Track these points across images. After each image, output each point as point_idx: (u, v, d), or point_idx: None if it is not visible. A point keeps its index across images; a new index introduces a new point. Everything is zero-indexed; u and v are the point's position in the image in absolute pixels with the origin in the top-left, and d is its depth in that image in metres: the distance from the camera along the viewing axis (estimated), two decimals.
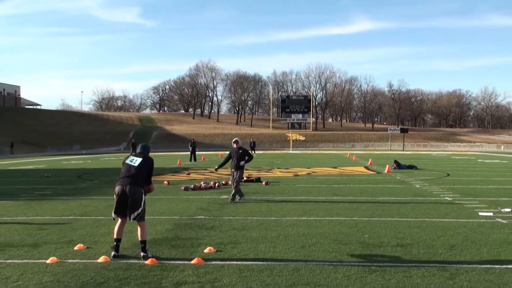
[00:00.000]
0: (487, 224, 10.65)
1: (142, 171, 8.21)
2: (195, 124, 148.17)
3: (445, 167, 33.06)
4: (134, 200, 7.93)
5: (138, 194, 8.02)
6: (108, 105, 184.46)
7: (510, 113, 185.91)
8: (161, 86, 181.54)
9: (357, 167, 32.77)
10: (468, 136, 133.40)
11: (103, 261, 7.47)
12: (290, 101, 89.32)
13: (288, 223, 10.75)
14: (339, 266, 7.15)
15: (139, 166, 8.20)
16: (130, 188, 7.94)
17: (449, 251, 8.07)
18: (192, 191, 17.60)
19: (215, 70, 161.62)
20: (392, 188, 18.52)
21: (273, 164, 37.05)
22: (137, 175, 8.11)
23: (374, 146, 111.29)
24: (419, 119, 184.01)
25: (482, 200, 14.57)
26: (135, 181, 8.04)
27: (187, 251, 8.12)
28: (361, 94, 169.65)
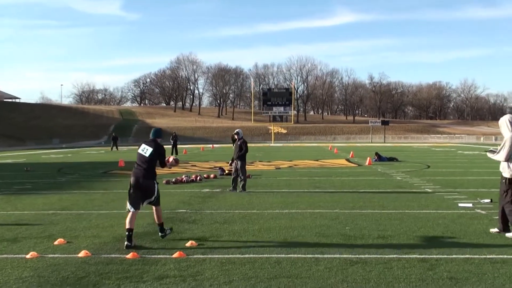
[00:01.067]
0: (466, 215, 10.76)
1: (153, 161, 8.53)
2: (176, 117, 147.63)
3: (426, 159, 33.34)
4: (148, 191, 8.41)
5: (151, 185, 8.46)
6: (88, 99, 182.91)
7: (489, 105, 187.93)
8: (141, 79, 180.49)
9: (339, 159, 32.91)
10: (448, 128, 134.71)
11: (83, 255, 7.42)
12: (272, 94, 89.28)
13: (270, 216, 10.77)
14: (320, 258, 7.18)
15: (150, 156, 8.48)
16: (143, 181, 8.34)
17: (429, 242, 8.15)
18: (174, 184, 17.55)
19: (196, 63, 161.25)
20: (373, 180, 18.63)
21: (255, 157, 37.05)
22: (149, 166, 8.47)
23: (355, 138, 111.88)
24: (399, 111, 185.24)
25: (461, 192, 14.72)
26: (147, 173, 8.41)
27: (169, 245, 8.09)
28: (342, 87, 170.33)
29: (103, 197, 14.34)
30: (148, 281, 6.20)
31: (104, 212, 11.60)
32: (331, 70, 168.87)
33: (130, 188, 8.43)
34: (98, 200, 13.77)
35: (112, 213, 11.42)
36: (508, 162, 8.58)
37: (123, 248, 7.85)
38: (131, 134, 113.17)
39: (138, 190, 8.34)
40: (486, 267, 6.66)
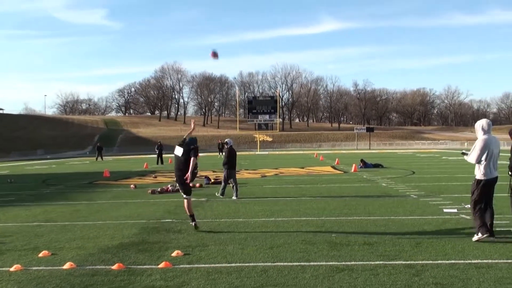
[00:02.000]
0: (451, 220, 10.82)
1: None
2: (161, 126, 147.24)
3: (411, 165, 33.54)
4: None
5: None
6: (73, 109, 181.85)
7: (472, 111, 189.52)
8: (126, 88, 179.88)
9: (324, 167, 32.99)
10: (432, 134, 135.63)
11: (68, 267, 7.35)
12: (257, 102, 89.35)
13: (256, 224, 10.76)
14: (307, 266, 7.18)
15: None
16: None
17: (414, 248, 8.18)
18: (159, 194, 17.46)
19: (181, 72, 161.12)
20: (359, 187, 18.69)
21: (241, 165, 36.96)
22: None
23: (340, 145, 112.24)
24: (384, 118, 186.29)
25: (446, 197, 14.81)
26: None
27: (155, 255, 8.04)
28: (327, 94, 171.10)
29: (88, 208, 14.24)
30: None
31: (89, 223, 11.51)
32: (316, 77, 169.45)
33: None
34: (83, 211, 13.67)
35: (97, 224, 11.33)
36: (479, 164, 8.68)
37: (108, 259, 7.80)
38: (116, 144, 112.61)
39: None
40: (471, 272, 6.70)
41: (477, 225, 8.58)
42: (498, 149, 8.85)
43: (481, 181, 8.69)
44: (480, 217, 8.56)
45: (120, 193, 17.94)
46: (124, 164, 42.64)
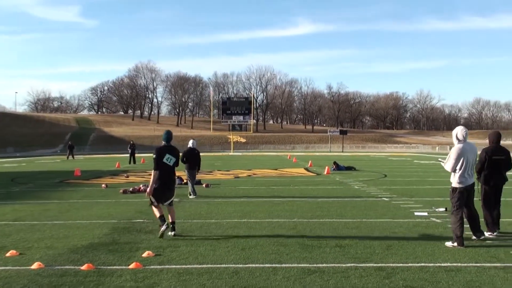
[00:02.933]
0: (422, 223, 10.92)
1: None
2: (134, 125, 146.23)
3: (383, 168, 33.84)
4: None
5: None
6: (44, 106, 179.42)
7: (444, 115, 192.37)
8: (99, 87, 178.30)
9: (297, 168, 33.09)
10: (404, 137, 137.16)
11: (36, 267, 7.22)
12: (231, 103, 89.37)
13: (228, 226, 10.72)
14: (278, 268, 7.16)
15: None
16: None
17: (385, 250, 8.23)
18: (131, 194, 17.30)
19: (155, 71, 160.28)
20: (331, 189, 18.78)
21: (214, 166, 36.94)
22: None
23: (314, 147, 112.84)
24: (357, 121, 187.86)
25: (417, 200, 14.97)
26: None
27: (125, 256, 7.95)
28: (301, 96, 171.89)
29: (58, 207, 14.04)
30: None
31: (59, 223, 11.33)
32: (290, 79, 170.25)
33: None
34: (52, 210, 13.46)
35: (67, 224, 11.17)
36: (454, 172, 8.77)
37: (77, 259, 7.68)
38: (88, 143, 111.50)
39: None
40: (441, 275, 6.76)
41: (455, 234, 8.60)
42: (475, 156, 8.93)
43: (457, 189, 8.76)
44: (460, 227, 8.61)
45: (91, 193, 17.73)
46: (95, 163, 42.19)
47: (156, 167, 9.73)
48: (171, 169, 9.92)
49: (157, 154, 9.76)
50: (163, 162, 9.74)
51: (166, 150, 9.83)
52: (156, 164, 9.73)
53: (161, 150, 9.85)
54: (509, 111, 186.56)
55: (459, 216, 8.68)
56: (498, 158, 9.71)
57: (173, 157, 9.85)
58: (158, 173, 9.69)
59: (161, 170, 9.72)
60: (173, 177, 10.05)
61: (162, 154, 9.78)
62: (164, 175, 9.74)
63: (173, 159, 9.85)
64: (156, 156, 9.75)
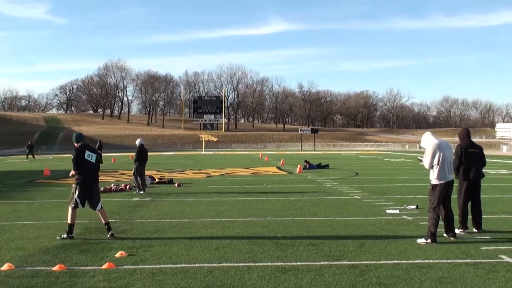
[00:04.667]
0: (394, 221, 11.04)
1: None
2: (104, 124, 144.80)
3: (354, 166, 34.12)
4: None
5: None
6: (11, 105, 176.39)
7: (413, 114, 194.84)
8: (68, 85, 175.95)
9: (269, 167, 33.15)
10: (375, 136, 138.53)
11: (6, 269, 7.08)
12: (202, 101, 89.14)
13: (201, 225, 10.67)
14: (253, 266, 7.16)
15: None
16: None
17: (359, 248, 8.29)
18: (102, 193, 17.05)
19: (125, 69, 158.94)
20: (304, 187, 18.85)
21: (185, 165, 36.79)
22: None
23: (285, 146, 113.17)
24: (328, 120, 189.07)
25: (389, 198, 15.12)
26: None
27: (98, 256, 7.86)
28: (272, 95, 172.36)
29: (27, 208, 13.80)
30: None
31: (29, 223, 11.15)
32: (262, 78, 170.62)
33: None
34: (22, 210, 13.23)
35: (38, 224, 11.00)
36: (432, 169, 8.88)
37: (49, 260, 7.57)
38: (56, 142, 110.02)
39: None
40: (413, 272, 6.84)
41: (430, 231, 8.69)
42: (451, 152, 9.04)
43: (437, 186, 8.86)
44: (435, 224, 8.71)
45: (62, 192, 17.47)
46: (65, 163, 41.55)
47: (76, 168, 9.36)
48: (95, 167, 9.61)
49: (76, 153, 9.34)
50: (85, 159, 9.35)
51: (85, 147, 9.48)
52: (76, 165, 9.35)
53: (79, 148, 9.47)
54: (476, 109, 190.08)
55: (436, 213, 8.78)
56: (473, 151, 9.86)
57: (93, 153, 9.53)
58: (81, 174, 9.35)
59: (84, 170, 9.36)
60: (97, 177, 9.72)
61: (82, 151, 9.40)
62: (88, 175, 9.42)
63: (94, 155, 9.53)
64: (75, 155, 9.32)
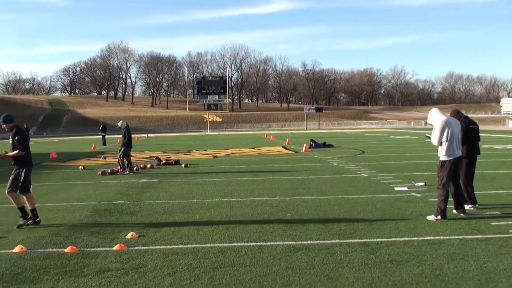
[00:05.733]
0: (403, 198, 11.02)
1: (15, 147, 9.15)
2: (108, 106, 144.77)
3: (360, 144, 34.06)
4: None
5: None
6: (15, 88, 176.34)
7: (418, 90, 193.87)
8: (71, 68, 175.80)
9: (275, 147, 33.13)
10: (379, 113, 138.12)
11: (18, 250, 7.11)
12: (206, 82, 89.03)
13: (210, 205, 10.68)
14: (264, 246, 7.16)
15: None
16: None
17: (369, 226, 8.28)
18: (110, 175, 17.13)
19: (128, 51, 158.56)
20: (310, 166, 18.83)
21: (191, 146, 36.82)
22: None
23: (290, 125, 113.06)
24: (333, 98, 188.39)
25: (396, 176, 15.08)
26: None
27: (108, 237, 7.88)
28: (276, 74, 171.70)
29: (35, 190, 13.69)
30: (88, 275, 6.00)
31: (38, 205, 11.07)
32: (265, 58, 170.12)
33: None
34: None
35: (47, 206, 11.05)
36: (441, 145, 8.84)
37: (60, 242, 7.59)
38: (61, 125, 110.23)
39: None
40: (425, 249, 6.83)
41: (440, 207, 8.67)
42: (459, 129, 9.00)
43: (445, 162, 8.82)
44: (445, 201, 8.69)
45: (69, 175, 17.53)
46: (71, 145, 41.68)
47: (23, 149, 9.16)
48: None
49: (23, 135, 9.25)
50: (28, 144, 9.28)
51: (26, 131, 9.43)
52: (23, 147, 9.17)
53: (24, 131, 9.27)
54: (481, 85, 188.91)
55: (446, 190, 8.77)
56: (473, 127, 9.89)
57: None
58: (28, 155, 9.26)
59: (28, 153, 9.28)
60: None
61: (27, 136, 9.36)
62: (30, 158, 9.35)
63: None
64: (22, 135, 9.19)
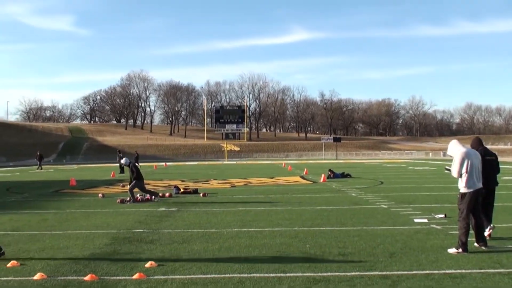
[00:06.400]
0: (423, 230, 10.91)
1: None
2: (127, 135, 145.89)
3: (378, 175, 33.86)
4: None
5: None
6: (36, 116, 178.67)
7: (436, 121, 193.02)
8: (92, 96, 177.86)
9: (293, 177, 33.06)
10: (397, 144, 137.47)
11: (39, 278, 7.15)
12: (224, 111, 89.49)
13: (229, 235, 10.67)
14: (283, 277, 7.12)
15: None
16: None
17: (389, 258, 8.21)
18: (128, 203, 17.21)
19: (148, 80, 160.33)
20: (329, 197, 18.75)
21: (209, 175, 36.86)
22: None
23: (308, 155, 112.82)
24: (350, 128, 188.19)
25: (416, 207, 14.95)
26: None
27: (128, 266, 7.89)
28: (294, 104, 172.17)
29: (56, 217, 13.94)
30: None
31: (58, 233, 11.26)
32: (283, 87, 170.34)
33: None
34: (51, 220, 13.38)
35: (67, 234, 11.09)
36: (461, 177, 8.78)
37: (80, 270, 7.62)
38: (81, 152, 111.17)
39: None
40: (446, 282, 6.75)
41: (461, 240, 8.58)
42: (479, 161, 8.94)
43: (466, 194, 8.75)
44: (466, 233, 8.60)
45: (89, 202, 17.64)
46: (90, 173, 41.99)
47: None
48: None
49: None
50: None
51: None
52: None
53: None
54: (500, 116, 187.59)
55: (466, 222, 8.68)
56: (490, 158, 9.84)
57: None
58: None
59: None
60: None
61: None
62: None
63: None
64: None
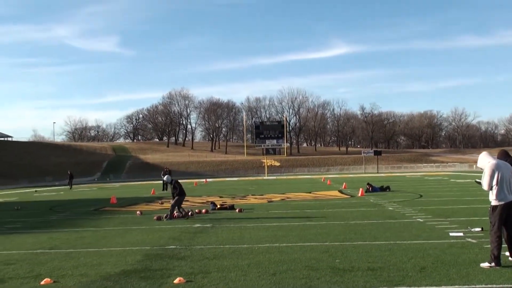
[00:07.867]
0: (457, 244, 10.73)
1: None
2: (169, 152, 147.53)
3: (418, 188, 33.36)
4: None
5: None
6: (81, 136, 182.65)
7: (480, 133, 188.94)
8: (134, 115, 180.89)
9: (331, 191, 32.88)
10: (440, 156, 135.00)
11: None
12: (264, 127, 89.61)
13: (260, 251, 10.70)
14: None
15: None
16: None
17: (419, 273, 8.10)
18: (165, 220, 17.42)
19: (188, 97, 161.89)
20: (365, 211, 18.59)
21: (248, 191, 36.95)
22: None
23: (349, 169, 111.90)
24: (392, 141, 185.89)
25: (453, 221, 14.70)
26: None
27: (157, 282, 8.00)
28: (334, 118, 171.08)
29: (93, 235, 14.23)
30: None
31: (93, 250, 11.49)
32: (323, 101, 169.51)
33: None
34: (88, 238, 13.67)
35: (101, 251, 11.32)
36: (491, 190, 8.62)
37: (110, 287, 7.78)
38: (124, 170, 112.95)
39: None
40: None
41: (493, 254, 8.41)
42: (510, 172, 8.76)
43: (497, 207, 8.60)
44: (498, 247, 8.42)
45: (126, 220, 17.94)
46: (131, 190, 42.65)
47: None
48: None
49: None
50: None
51: None
52: None
53: None
54: None
55: (498, 235, 8.50)
56: None
57: None
58: None
59: None
60: None
61: None
62: None
63: None
64: None
